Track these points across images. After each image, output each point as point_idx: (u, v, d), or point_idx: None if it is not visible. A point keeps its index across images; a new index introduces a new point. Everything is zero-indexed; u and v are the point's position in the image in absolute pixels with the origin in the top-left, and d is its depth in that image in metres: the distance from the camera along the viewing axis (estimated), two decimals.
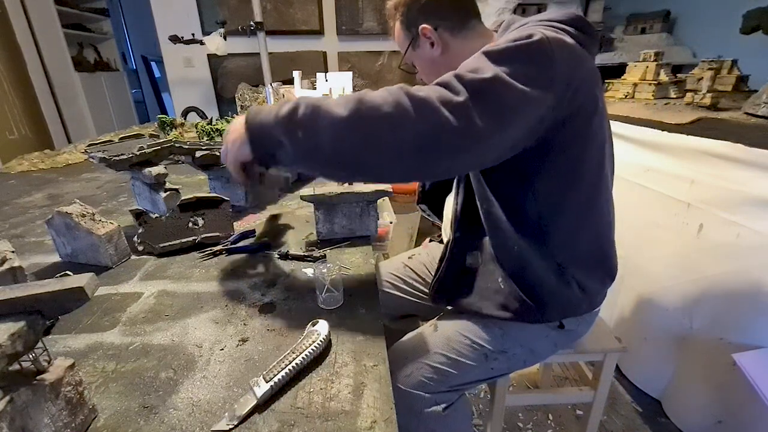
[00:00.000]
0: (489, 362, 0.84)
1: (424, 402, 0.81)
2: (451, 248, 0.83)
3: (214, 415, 0.47)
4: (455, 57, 0.82)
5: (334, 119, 0.54)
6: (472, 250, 0.82)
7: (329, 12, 3.10)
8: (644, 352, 1.43)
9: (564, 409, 1.44)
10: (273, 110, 0.58)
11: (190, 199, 0.86)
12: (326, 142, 0.55)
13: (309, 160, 0.58)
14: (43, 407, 0.40)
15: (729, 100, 1.57)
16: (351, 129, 0.54)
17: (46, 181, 1.44)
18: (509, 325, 0.83)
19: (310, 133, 0.55)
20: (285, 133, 0.56)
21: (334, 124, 0.54)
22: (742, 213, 1.11)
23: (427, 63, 0.86)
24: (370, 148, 0.54)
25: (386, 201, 1.49)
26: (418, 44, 0.84)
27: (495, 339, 0.83)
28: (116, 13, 4.91)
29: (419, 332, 0.90)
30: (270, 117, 0.58)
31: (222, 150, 0.65)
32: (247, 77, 2.79)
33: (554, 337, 0.86)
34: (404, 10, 0.84)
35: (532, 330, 0.84)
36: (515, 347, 0.84)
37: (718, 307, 1.19)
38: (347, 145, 0.55)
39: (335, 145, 0.55)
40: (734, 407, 1.16)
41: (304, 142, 0.56)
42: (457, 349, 0.83)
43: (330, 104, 0.55)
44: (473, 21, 0.83)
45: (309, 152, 0.57)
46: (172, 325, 0.64)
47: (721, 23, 2.55)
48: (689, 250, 1.26)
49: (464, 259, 0.83)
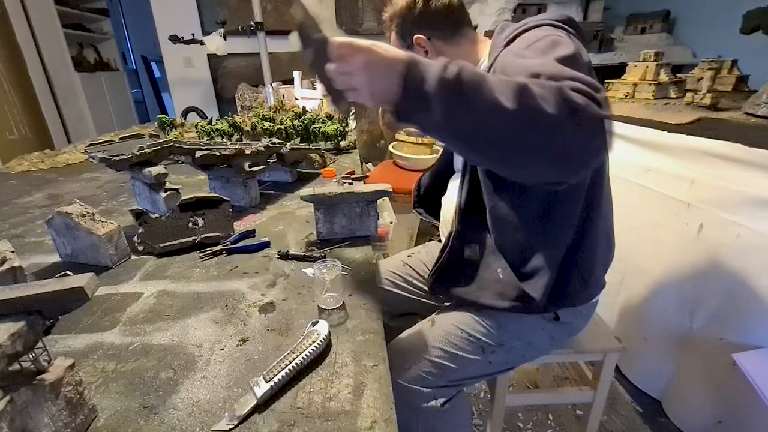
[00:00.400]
0: (486, 355, 0.85)
1: (422, 397, 0.82)
2: (452, 239, 0.84)
3: (214, 415, 0.47)
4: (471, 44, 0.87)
5: (495, 107, 0.48)
6: (472, 243, 0.83)
7: (329, 12, 3.10)
8: (644, 352, 1.43)
9: (564, 409, 1.44)
10: (437, 69, 0.50)
11: (190, 199, 0.86)
12: (478, 128, 0.50)
13: (448, 136, 0.53)
14: (43, 407, 0.40)
15: (729, 100, 1.57)
16: (511, 126, 0.49)
17: (46, 181, 1.44)
18: (505, 317, 0.85)
19: (465, 113, 0.49)
20: (441, 102, 0.49)
21: (494, 112, 0.48)
22: (742, 213, 1.12)
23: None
24: (523, 149, 0.51)
25: (386, 201, 1.49)
26: (413, 53, 0.85)
27: (491, 331, 0.85)
28: (116, 13, 4.91)
29: (417, 328, 0.91)
30: (434, 75, 0.49)
31: (344, 63, 0.52)
32: (247, 77, 2.78)
33: (550, 330, 0.87)
34: (399, 21, 0.88)
35: (528, 322, 0.85)
36: (512, 340, 0.85)
37: (718, 307, 1.19)
38: (499, 139, 0.50)
39: (488, 133, 0.50)
40: (734, 407, 1.16)
41: (455, 121, 0.50)
42: (455, 342, 0.84)
43: (493, 86, 0.48)
44: (465, 29, 0.88)
45: (455, 130, 0.51)
46: (172, 325, 0.64)
47: (721, 23, 2.55)
48: (689, 250, 1.26)
49: (463, 251, 0.84)
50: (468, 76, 0.49)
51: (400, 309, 1.11)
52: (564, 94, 0.48)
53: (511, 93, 0.48)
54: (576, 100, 0.48)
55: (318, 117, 1.67)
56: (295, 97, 2.14)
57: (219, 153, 1.00)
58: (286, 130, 1.56)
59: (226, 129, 1.57)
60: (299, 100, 2.12)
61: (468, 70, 0.49)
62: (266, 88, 2.24)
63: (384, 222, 1.11)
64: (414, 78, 0.50)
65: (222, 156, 1.01)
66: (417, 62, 0.51)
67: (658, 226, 1.36)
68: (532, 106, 0.48)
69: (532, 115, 0.48)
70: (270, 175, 1.30)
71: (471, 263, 0.83)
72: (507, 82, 0.49)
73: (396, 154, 2.34)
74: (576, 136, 0.49)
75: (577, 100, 0.48)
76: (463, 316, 0.87)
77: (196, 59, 3.13)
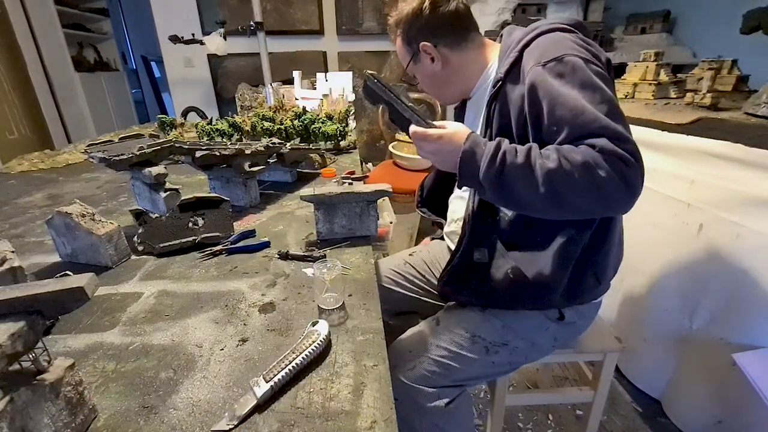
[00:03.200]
0: (490, 355, 0.85)
1: (427, 396, 0.82)
2: (464, 243, 0.84)
3: (214, 415, 0.47)
4: (455, 70, 0.89)
5: (530, 193, 0.63)
6: (482, 246, 0.83)
7: (329, 12, 3.10)
8: (644, 352, 1.43)
9: (564, 409, 1.44)
10: (484, 166, 0.65)
11: (190, 199, 0.86)
12: (522, 207, 0.69)
13: (499, 203, 0.75)
14: (43, 407, 0.40)
15: (729, 100, 1.57)
16: (546, 208, 0.65)
17: (46, 181, 1.44)
18: (511, 317, 0.85)
19: (509, 197, 0.66)
20: (489, 189, 0.66)
21: (530, 195, 0.63)
22: (742, 213, 1.12)
23: (428, 77, 0.91)
24: (564, 213, 0.67)
25: (386, 201, 1.49)
26: (419, 59, 0.88)
27: (496, 331, 0.85)
28: (116, 13, 4.91)
29: (422, 327, 0.92)
30: (482, 170, 0.65)
31: (434, 139, 0.70)
32: (247, 77, 2.78)
33: (554, 330, 0.87)
34: (405, 27, 0.87)
35: (532, 322, 0.86)
36: (516, 340, 0.86)
37: (718, 307, 1.19)
38: (539, 210, 0.67)
39: (530, 210, 0.68)
40: (734, 407, 1.16)
41: (501, 200, 0.70)
42: (459, 342, 0.84)
43: (528, 180, 0.62)
44: (472, 34, 0.88)
45: (502, 204, 0.74)
46: (172, 325, 0.64)
47: (721, 23, 2.55)
48: (689, 250, 1.26)
49: (473, 254, 0.84)
50: (510, 172, 0.63)
51: (400, 307, 1.11)
52: (599, 179, 0.59)
53: (547, 188, 0.61)
54: (611, 179, 0.59)
55: (318, 117, 1.66)
56: (295, 97, 2.14)
57: (219, 153, 1.00)
58: (286, 130, 1.56)
59: (226, 129, 1.57)
60: (299, 100, 2.12)
61: (511, 166, 0.63)
62: (266, 88, 2.24)
63: (384, 222, 1.11)
64: (466, 169, 0.67)
65: (222, 156, 1.01)
66: (470, 155, 0.66)
67: (658, 226, 1.36)
68: (565, 195, 0.61)
69: (570, 199, 0.62)
70: (270, 175, 1.30)
71: (481, 266, 0.84)
72: (545, 170, 0.61)
73: (396, 154, 2.34)
74: (615, 196, 0.60)
75: (613, 179, 0.59)
76: (468, 316, 0.88)
77: (196, 59, 3.13)
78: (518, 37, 0.77)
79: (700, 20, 2.79)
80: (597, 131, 0.61)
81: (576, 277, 0.80)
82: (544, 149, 0.64)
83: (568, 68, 0.66)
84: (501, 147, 0.65)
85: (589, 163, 0.59)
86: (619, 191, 0.59)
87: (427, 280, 1.08)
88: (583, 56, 0.68)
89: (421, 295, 1.08)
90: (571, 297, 0.82)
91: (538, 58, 0.69)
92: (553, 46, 0.70)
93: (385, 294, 1.07)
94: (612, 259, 0.84)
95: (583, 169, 0.59)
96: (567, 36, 0.72)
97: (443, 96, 0.98)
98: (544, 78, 0.67)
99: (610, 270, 0.86)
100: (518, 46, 0.75)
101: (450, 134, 0.69)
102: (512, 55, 0.75)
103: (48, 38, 3.16)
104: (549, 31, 0.74)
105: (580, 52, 0.68)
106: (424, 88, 0.95)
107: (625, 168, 0.59)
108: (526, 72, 0.71)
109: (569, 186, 0.60)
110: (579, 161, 0.59)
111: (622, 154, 0.59)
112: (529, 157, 0.63)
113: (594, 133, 0.61)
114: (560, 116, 0.64)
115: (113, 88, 4.07)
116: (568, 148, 0.62)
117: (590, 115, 0.62)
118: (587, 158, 0.59)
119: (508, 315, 0.86)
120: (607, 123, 0.61)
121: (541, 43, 0.72)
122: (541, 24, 0.76)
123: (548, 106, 0.66)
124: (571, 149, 0.61)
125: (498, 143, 0.66)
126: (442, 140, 0.69)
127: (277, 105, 1.92)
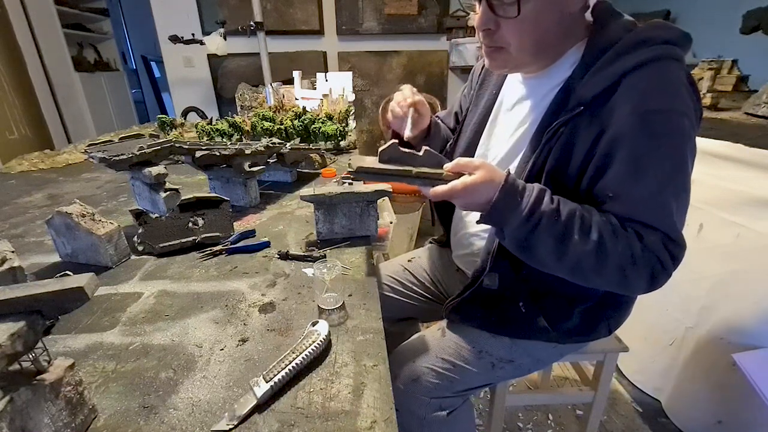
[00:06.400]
0: (495, 371, 0.84)
1: (428, 407, 0.81)
2: (482, 277, 0.77)
3: (214, 415, 0.47)
4: (567, 30, 0.66)
5: (551, 260, 0.61)
6: (491, 271, 0.76)
7: (329, 12, 3.10)
8: (644, 352, 1.43)
9: (564, 409, 1.44)
10: (516, 218, 0.59)
11: (190, 199, 0.86)
12: (533, 261, 0.64)
13: (512, 251, 0.66)
14: (43, 407, 0.40)
15: (729, 100, 1.57)
16: (564, 272, 0.62)
17: (46, 181, 1.44)
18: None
19: (531, 257, 0.63)
20: (511, 243, 0.63)
21: (551, 262, 0.61)
22: (742, 213, 1.12)
23: (553, 14, 0.63)
24: (572, 279, 0.64)
25: (386, 201, 1.49)
26: None
27: (504, 349, 0.83)
28: (116, 13, 4.90)
29: (426, 335, 0.89)
30: (508, 231, 0.61)
31: (456, 188, 0.60)
32: (247, 77, 2.78)
33: (561, 349, 0.86)
34: None
35: (540, 342, 0.83)
36: (523, 357, 0.84)
37: (718, 307, 1.19)
38: (553, 270, 0.64)
39: (540, 266, 0.65)
40: (734, 407, 1.16)
41: (517, 252, 0.64)
42: (465, 356, 0.82)
43: (557, 254, 0.59)
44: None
45: (516, 253, 0.65)
46: (172, 325, 0.64)
47: (721, 23, 2.54)
48: (689, 250, 1.25)
49: (483, 280, 0.77)
50: (540, 234, 0.59)
51: (400, 314, 1.10)
52: (629, 273, 0.58)
53: (573, 265, 0.59)
54: (640, 277, 0.58)
55: (318, 117, 1.66)
56: (295, 97, 2.14)
57: (219, 153, 1.00)
58: (286, 130, 1.56)
59: (226, 129, 1.57)
60: (299, 100, 2.11)
61: (542, 232, 0.58)
62: (266, 88, 2.24)
63: (384, 222, 1.11)
64: (493, 220, 0.62)
65: (222, 156, 1.01)
66: (495, 212, 0.60)
67: None
68: (588, 275, 0.61)
69: (590, 278, 0.61)
70: (270, 175, 1.30)
71: (491, 297, 0.78)
72: (568, 251, 0.58)
73: None
74: (635, 287, 0.60)
75: (642, 278, 0.58)
76: (476, 331, 0.84)
77: (196, 59, 3.12)
78: (620, 48, 0.60)
79: (699, 20, 2.79)
80: (658, 226, 0.57)
81: (590, 326, 0.80)
82: (586, 216, 0.58)
83: (668, 130, 0.57)
84: (540, 208, 0.58)
85: (626, 258, 0.56)
86: (642, 287, 0.58)
87: (426, 287, 1.06)
88: (689, 115, 0.57)
89: (420, 302, 1.06)
90: (582, 335, 0.82)
91: (638, 104, 0.57)
92: (662, 90, 0.57)
93: (384, 301, 1.06)
94: (628, 313, 0.84)
95: (618, 261, 0.57)
96: (681, 73, 0.59)
97: (529, 56, 0.68)
98: (635, 134, 0.57)
99: (623, 320, 0.85)
100: (617, 67, 0.59)
101: (477, 183, 0.59)
102: (607, 76, 0.60)
103: (48, 38, 3.16)
104: (661, 58, 0.58)
105: (687, 108, 0.58)
106: (508, 35, 0.66)
107: (660, 270, 0.57)
108: (616, 114, 0.58)
109: (596, 270, 0.58)
110: (618, 252, 0.56)
111: (665, 259, 0.56)
112: (568, 228, 0.57)
113: (653, 226, 0.57)
114: (629, 192, 0.58)
115: (113, 88, 4.07)
116: (612, 229, 0.57)
117: (664, 209, 0.57)
118: (627, 252, 0.56)
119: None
120: (672, 223, 0.57)
121: (647, 78, 0.58)
122: (651, 35, 0.60)
123: (623, 172, 0.58)
124: (615, 231, 0.57)
125: (536, 202, 0.58)
126: (466, 190, 0.59)
127: (277, 105, 1.92)
